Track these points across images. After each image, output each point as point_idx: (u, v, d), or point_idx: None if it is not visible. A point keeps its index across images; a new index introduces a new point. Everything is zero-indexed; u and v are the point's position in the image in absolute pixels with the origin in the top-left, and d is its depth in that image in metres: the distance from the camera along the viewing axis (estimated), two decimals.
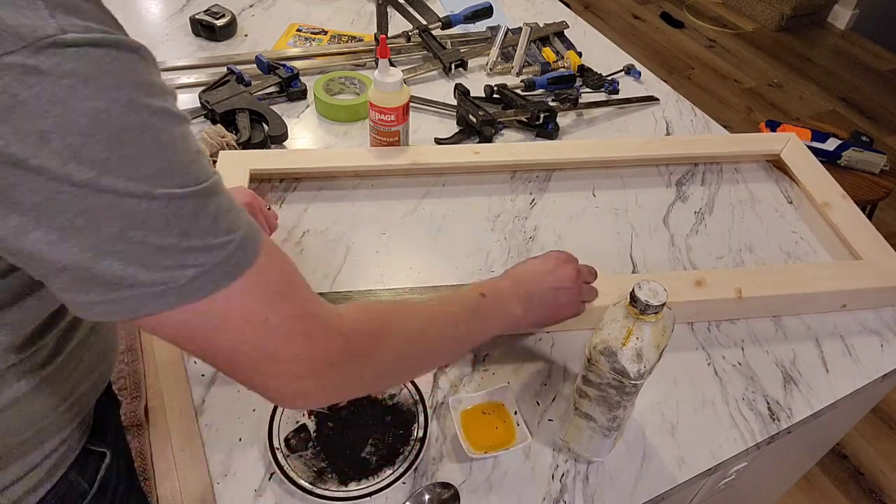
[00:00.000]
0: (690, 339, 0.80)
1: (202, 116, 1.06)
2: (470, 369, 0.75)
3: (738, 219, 0.97)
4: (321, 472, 0.63)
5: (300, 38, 1.29)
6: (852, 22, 3.54)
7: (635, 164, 1.04)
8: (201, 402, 0.70)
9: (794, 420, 0.73)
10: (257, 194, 0.84)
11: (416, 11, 1.36)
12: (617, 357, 0.56)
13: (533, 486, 0.65)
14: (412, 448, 0.65)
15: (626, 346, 0.56)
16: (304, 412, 0.68)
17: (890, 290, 0.83)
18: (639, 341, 0.56)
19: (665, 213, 0.97)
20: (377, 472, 0.64)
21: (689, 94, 2.88)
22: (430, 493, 0.63)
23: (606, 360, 0.57)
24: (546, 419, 0.71)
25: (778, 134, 1.10)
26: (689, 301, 0.79)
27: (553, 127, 1.08)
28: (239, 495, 0.63)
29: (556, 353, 0.77)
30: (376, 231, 0.91)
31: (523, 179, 1.01)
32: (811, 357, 0.79)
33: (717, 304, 0.80)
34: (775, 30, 3.52)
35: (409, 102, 0.94)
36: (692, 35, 3.45)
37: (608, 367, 0.57)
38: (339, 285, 0.83)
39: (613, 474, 0.67)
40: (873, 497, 1.63)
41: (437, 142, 1.06)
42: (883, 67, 3.30)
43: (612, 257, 0.89)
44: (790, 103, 3.01)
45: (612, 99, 1.19)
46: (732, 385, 0.76)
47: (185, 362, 0.74)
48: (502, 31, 1.26)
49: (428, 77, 1.21)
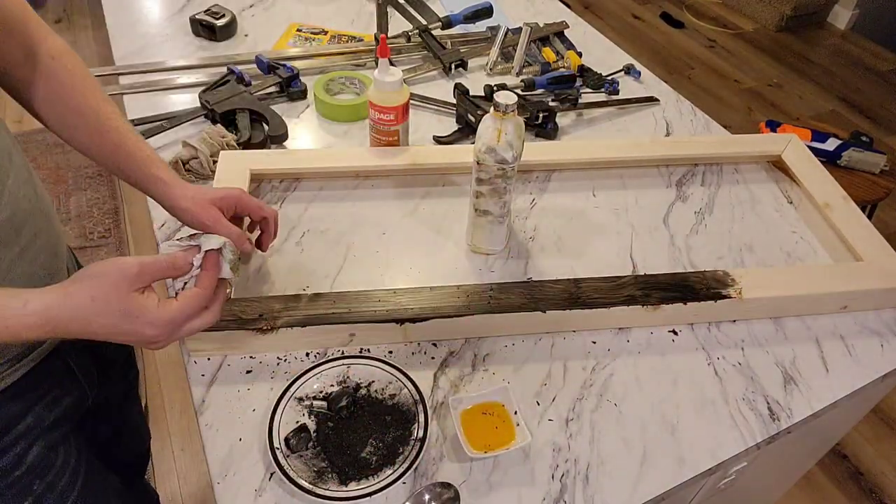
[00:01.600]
0: (690, 339, 0.80)
1: (202, 116, 1.06)
2: (470, 369, 0.75)
3: (739, 219, 0.97)
4: (321, 472, 0.63)
5: (300, 38, 1.29)
6: (852, 22, 3.54)
7: (635, 165, 1.04)
8: (201, 402, 0.70)
9: (794, 420, 0.73)
10: (257, 194, 0.84)
11: (416, 11, 1.36)
12: (496, 151, 0.76)
13: (533, 486, 0.65)
14: (412, 448, 0.65)
15: (500, 142, 0.76)
16: (305, 412, 0.68)
17: (891, 292, 0.83)
18: (507, 135, 0.76)
19: (665, 213, 0.97)
20: (377, 472, 0.64)
21: (689, 94, 2.87)
22: (430, 493, 0.63)
23: (490, 156, 0.77)
24: (546, 419, 0.71)
25: (779, 135, 1.09)
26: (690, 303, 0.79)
27: (552, 127, 1.08)
28: (239, 495, 0.63)
29: (556, 353, 0.77)
30: (376, 231, 0.91)
31: (523, 179, 1.01)
32: (811, 357, 0.79)
33: (719, 305, 0.80)
34: (775, 30, 3.52)
35: (408, 102, 0.94)
36: (692, 35, 3.45)
37: (492, 160, 0.77)
38: (339, 285, 0.83)
39: (613, 474, 0.67)
40: (873, 497, 1.63)
41: (436, 140, 1.06)
42: (883, 67, 3.30)
43: (612, 257, 0.89)
44: (790, 103, 3.01)
45: (612, 99, 1.19)
46: (732, 385, 0.76)
47: (185, 362, 0.74)
48: (502, 31, 1.26)
49: (428, 77, 1.21)
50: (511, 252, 0.89)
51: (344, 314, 0.74)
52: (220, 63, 1.19)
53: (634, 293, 0.78)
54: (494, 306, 0.76)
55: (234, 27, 1.27)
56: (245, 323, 0.72)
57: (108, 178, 2.29)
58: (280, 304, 0.74)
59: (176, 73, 1.16)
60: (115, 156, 0.71)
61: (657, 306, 0.78)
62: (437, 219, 0.93)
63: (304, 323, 0.73)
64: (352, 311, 0.74)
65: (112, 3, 1.36)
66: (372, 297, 0.75)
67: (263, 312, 0.73)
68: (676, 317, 0.80)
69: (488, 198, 0.82)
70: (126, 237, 2.08)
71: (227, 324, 0.71)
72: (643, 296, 0.78)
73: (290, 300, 0.75)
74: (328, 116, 1.10)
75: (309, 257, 0.86)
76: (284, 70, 1.12)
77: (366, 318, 0.73)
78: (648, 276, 0.82)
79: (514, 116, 0.76)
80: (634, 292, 0.79)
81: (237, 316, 0.72)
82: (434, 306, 0.75)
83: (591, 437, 0.69)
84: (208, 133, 0.97)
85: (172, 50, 1.23)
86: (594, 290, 0.79)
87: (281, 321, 0.72)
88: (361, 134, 1.07)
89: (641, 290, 0.79)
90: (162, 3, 1.37)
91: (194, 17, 1.25)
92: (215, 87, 1.08)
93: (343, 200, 0.95)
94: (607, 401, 0.73)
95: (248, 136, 1.00)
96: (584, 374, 0.75)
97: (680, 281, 0.81)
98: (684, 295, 0.79)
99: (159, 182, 0.71)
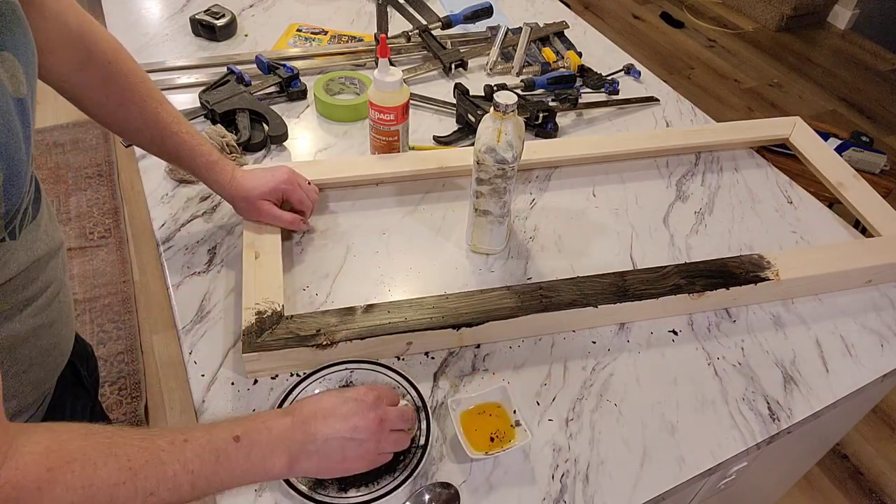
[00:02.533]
0: (690, 339, 0.80)
1: (202, 116, 1.06)
2: (470, 369, 0.75)
3: (739, 219, 0.97)
4: (321, 479, 0.63)
5: (300, 38, 1.29)
6: (852, 22, 3.54)
7: (636, 157, 1.05)
8: (201, 402, 0.70)
9: (794, 420, 0.73)
10: None
11: (416, 11, 1.36)
12: (496, 150, 0.76)
13: (533, 486, 0.65)
14: (413, 455, 0.65)
15: (500, 141, 0.75)
16: None
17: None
18: (506, 135, 0.75)
19: (665, 213, 0.97)
20: (377, 479, 0.63)
21: (689, 94, 2.88)
22: (430, 493, 0.63)
23: (490, 156, 0.77)
24: (546, 419, 0.71)
25: (783, 118, 1.11)
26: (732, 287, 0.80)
27: (552, 127, 1.08)
28: (239, 495, 0.63)
29: (556, 353, 0.77)
30: (376, 231, 0.91)
31: (523, 179, 1.01)
32: (811, 357, 0.79)
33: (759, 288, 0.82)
34: (775, 30, 3.52)
35: (408, 102, 0.94)
36: (692, 35, 3.45)
37: (492, 160, 0.77)
38: (339, 285, 0.83)
39: (613, 474, 0.67)
40: (873, 497, 1.63)
41: (436, 139, 1.06)
42: (883, 67, 3.30)
43: (612, 257, 0.89)
44: (790, 103, 3.01)
45: (612, 99, 1.19)
46: (732, 385, 0.75)
47: (185, 362, 0.74)
48: (502, 31, 1.26)
49: (428, 77, 1.21)
50: (511, 252, 0.89)
51: (400, 323, 0.73)
52: (220, 63, 1.19)
53: (679, 282, 0.80)
54: (547, 304, 0.76)
55: (234, 27, 1.27)
56: (304, 340, 0.71)
57: (108, 178, 2.29)
58: (336, 318, 0.74)
59: (176, 73, 1.16)
60: (176, 156, 0.79)
61: (701, 294, 0.79)
62: (438, 219, 0.93)
63: (364, 335, 0.72)
64: (408, 319, 0.74)
65: (112, 3, 1.36)
66: (425, 304, 0.76)
67: (321, 328, 0.72)
68: (718, 303, 0.82)
69: (488, 198, 0.82)
70: (126, 237, 2.08)
71: (285, 342, 0.71)
72: (688, 284, 0.80)
73: (344, 313, 0.74)
74: (328, 116, 1.10)
75: (309, 257, 0.86)
76: (284, 70, 1.12)
77: (423, 326, 0.73)
78: (690, 264, 0.84)
79: (514, 116, 0.76)
80: (679, 281, 0.80)
81: (294, 333, 0.72)
82: (488, 309, 0.76)
83: (591, 437, 0.69)
84: (208, 133, 0.97)
85: (172, 50, 1.23)
86: (640, 283, 0.80)
87: (340, 335, 0.72)
88: (361, 134, 1.07)
89: (685, 279, 0.80)
90: (162, 3, 1.37)
91: (194, 17, 1.25)
92: (215, 87, 1.08)
93: (343, 200, 0.95)
94: (607, 401, 0.73)
95: (248, 136, 1.00)
96: (584, 374, 0.75)
97: (720, 267, 0.83)
98: (726, 280, 0.81)
99: (216, 182, 0.81)
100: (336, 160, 1.00)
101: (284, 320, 0.73)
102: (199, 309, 0.79)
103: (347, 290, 0.82)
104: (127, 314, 1.84)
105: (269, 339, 0.71)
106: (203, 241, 0.87)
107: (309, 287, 0.82)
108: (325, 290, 0.82)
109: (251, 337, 0.71)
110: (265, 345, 0.70)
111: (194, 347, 0.75)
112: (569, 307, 0.76)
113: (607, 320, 0.80)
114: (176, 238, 0.88)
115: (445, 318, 0.74)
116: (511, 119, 0.75)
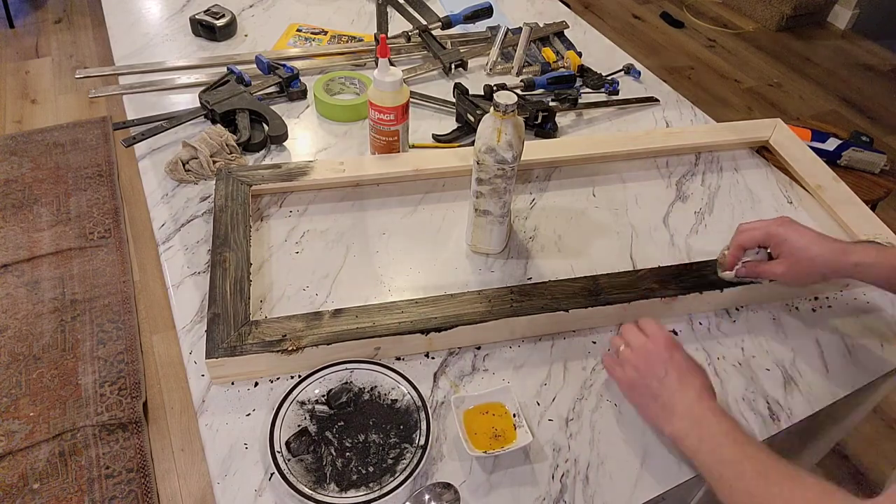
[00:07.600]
0: (690, 339, 0.80)
1: (202, 116, 1.06)
2: (470, 369, 0.75)
3: (739, 219, 0.97)
4: (321, 478, 0.63)
5: (300, 38, 1.29)
6: (852, 22, 3.54)
7: (636, 157, 1.05)
8: (201, 402, 0.70)
9: (794, 420, 0.73)
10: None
11: (416, 11, 1.36)
12: (496, 150, 0.76)
13: (533, 486, 0.65)
14: (414, 455, 0.65)
15: (500, 141, 0.75)
16: (306, 415, 0.68)
17: None
18: (506, 135, 0.75)
19: (665, 213, 0.97)
20: (377, 479, 0.63)
21: (689, 94, 2.88)
22: (430, 493, 0.63)
23: (490, 156, 0.76)
24: (546, 419, 0.71)
25: (764, 120, 1.10)
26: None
27: (552, 127, 1.08)
28: (239, 495, 0.63)
29: (556, 353, 0.77)
30: (376, 231, 0.91)
31: (523, 179, 1.01)
32: (811, 357, 0.79)
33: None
34: (775, 30, 3.52)
35: (408, 102, 0.94)
36: (692, 35, 3.45)
37: (492, 160, 0.76)
38: (339, 285, 0.83)
39: (613, 474, 0.67)
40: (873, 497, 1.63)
41: (435, 138, 1.06)
42: (883, 67, 3.30)
43: (612, 257, 0.89)
44: (790, 103, 3.00)
45: (612, 99, 1.19)
46: (732, 385, 0.75)
47: (185, 362, 0.74)
48: (502, 31, 1.26)
49: (428, 77, 1.21)
50: (511, 252, 0.89)
51: (368, 328, 0.73)
52: (220, 63, 1.19)
53: (652, 286, 0.80)
54: (517, 309, 0.76)
55: (234, 27, 1.28)
56: (269, 346, 0.70)
57: (108, 178, 2.29)
58: (302, 322, 0.73)
59: (176, 73, 1.16)
60: None
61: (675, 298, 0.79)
62: (438, 219, 0.93)
63: (330, 340, 0.71)
64: (376, 324, 0.73)
65: (112, 3, 1.36)
66: (394, 309, 0.75)
67: (286, 333, 0.71)
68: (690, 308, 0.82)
69: (488, 198, 0.82)
70: (126, 237, 2.08)
71: (249, 347, 0.70)
72: (661, 288, 0.80)
73: (311, 318, 0.73)
74: (328, 116, 1.10)
75: (309, 257, 0.86)
76: (284, 70, 1.12)
77: (391, 331, 0.72)
78: (663, 268, 0.83)
79: (514, 116, 0.76)
80: (652, 285, 0.80)
81: (260, 339, 0.70)
82: (457, 313, 0.75)
83: (591, 437, 0.69)
84: (208, 133, 0.97)
85: (172, 50, 1.23)
86: (612, 287, 0.80)
87: (305, 340, 0.71)
88: (361, 134, 1.07)
89: (658, 283, 0.80)
90: (162, 3, 1.37)
91: (194, 18, 1.25)
92: (215, 88, 1.08)
93: (343, 201, 0.95)
94: (607, 401, 0.73)
95: (248, 136, 1.00)
96: (584, 374, 0.75)
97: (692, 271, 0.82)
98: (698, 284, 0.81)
99: None
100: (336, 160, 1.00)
101: (249, 325, 0.72)
102: (199, 309, 0.79)
103: (347, 291, 0.82)
104: (127, 314, 1.84)
105: (233, 344, 0.70)
106: (203, 241, 0.87)
107: (309, 287, 0.82)
108: (325, 290, 0.82)
109: (214, 343, 0.69)
110: (229, 350, 0.69)
111: (194, 347, 0.75)
112: (540, 311, 0.76)
113: (607, 321, 0.80)
114: (176, 238, 0.88)
115: (414, 322, 0.73)
116: (511, 119, 0.75)
